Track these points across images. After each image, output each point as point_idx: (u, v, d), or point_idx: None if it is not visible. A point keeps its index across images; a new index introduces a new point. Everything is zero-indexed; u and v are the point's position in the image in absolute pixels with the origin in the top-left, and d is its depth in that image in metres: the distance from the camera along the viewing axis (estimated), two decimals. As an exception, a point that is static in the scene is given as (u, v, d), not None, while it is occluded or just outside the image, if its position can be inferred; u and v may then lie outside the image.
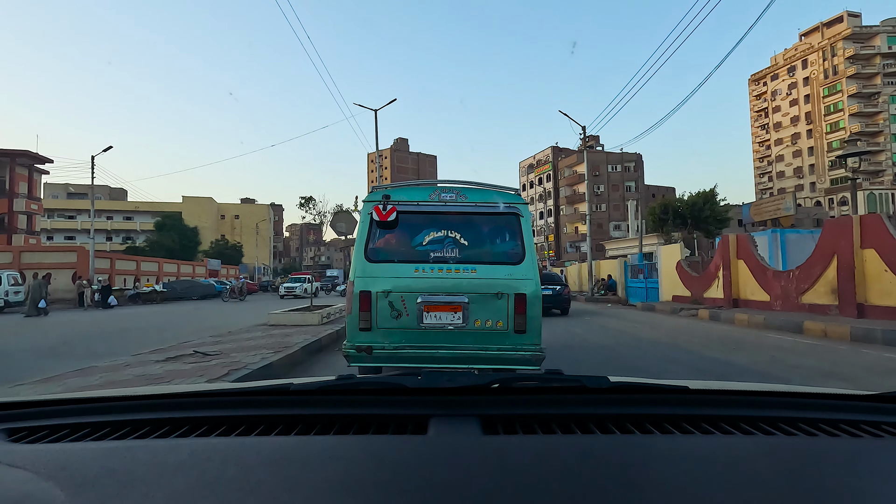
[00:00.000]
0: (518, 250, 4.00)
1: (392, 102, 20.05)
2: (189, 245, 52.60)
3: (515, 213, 4.06)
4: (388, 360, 3.87)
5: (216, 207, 66.36)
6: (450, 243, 4.00)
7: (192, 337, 8.20)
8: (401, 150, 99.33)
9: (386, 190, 4.11)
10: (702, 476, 0.69)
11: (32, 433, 0.87)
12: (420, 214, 4.07)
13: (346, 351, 3.89)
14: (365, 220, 4.03)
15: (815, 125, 64.65)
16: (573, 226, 63.36)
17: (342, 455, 0.75)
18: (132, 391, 1.12)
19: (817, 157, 64.28)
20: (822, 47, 64.06)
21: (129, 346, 7.14)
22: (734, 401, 1.01)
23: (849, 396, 1.04)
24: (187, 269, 38.51)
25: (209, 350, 6.20)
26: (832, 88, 62.42)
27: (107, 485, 0.65)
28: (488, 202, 4.08)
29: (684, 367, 5.90)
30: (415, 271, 3.90)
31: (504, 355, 3.84)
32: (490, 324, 3.86)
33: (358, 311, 3.86)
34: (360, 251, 3.97)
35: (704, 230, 27.30)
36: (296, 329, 8.88)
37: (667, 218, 28.86)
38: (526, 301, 3.87)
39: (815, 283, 10.73)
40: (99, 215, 61.00)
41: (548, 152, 69.40)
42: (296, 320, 9.86)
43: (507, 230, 4.10)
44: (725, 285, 13.91)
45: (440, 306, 3.85)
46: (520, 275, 3.93)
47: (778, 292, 11.97)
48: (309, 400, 0.98)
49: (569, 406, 0.95)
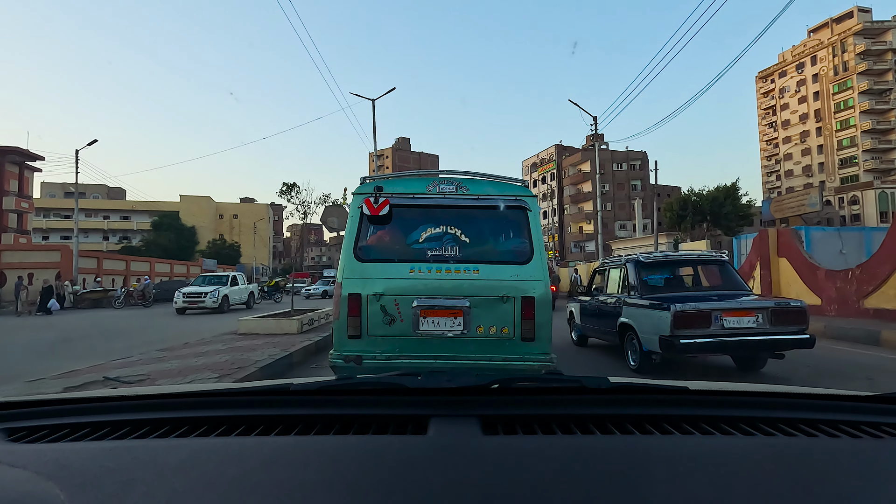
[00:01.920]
0: (525, 248, 3.65)
1: (390, 91, 19.03)
2: (186, 245, 51.95)
3: (523, 206, 3.70)
4: (380, 371, 3.43)
5: (214, 207, 65.42)
6: (449, 240, 3.67)
7: (139, 350, 6.93)
8: (402, 149, 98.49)
9: (378, 181, 3.73)
10: (701, 476, 0.69)
11: (32, 433, 0.87)
12: (416, 208, 3.71)
13: (332, 361, 3.55)
14: (355, 215, 3.67)
15: (824, 123, 63.39)
16: (577, 225, 62.21)
17: (342, 455, 0.75)
18: (132, 391, 1.12)
19: (827, 156, 62.97)
20: (831, 43, 62.81)
21: (32, 367, 5.77)
22: (734, 401, 1.00)
23: (849, 397, 1.03)
24: (181, 270, 37.50)
25: (130, 375, 4.97)
26: (842, 85, 61.14)
27: (106, 485, 0.65)
28: (492, 195, 3.71)
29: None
30: (410, 272, 3.57)
31: (510, 366, 3.50)
32: (494, 331, 3.52)
33: (346, 316, 3.52)
34: (349, 249, 3.63)
35: (725, 227, 25.88)
36: (266, 340, 7.70)
37: (685, 214, 27.41)
38: (534, 305, 3.51)
39: (883, 285, 9.23)
40: (95, 215, 60.54)
41: (551, 151, 68.27)
42: (270, 328, 8.67)
43: (513, 226, 3.76)
44: (764, 286, 12.22)
45: (438, 311, 3.52)
46: (527, 275, 3.57)
47: (832, 295, 10.41)
48: (309, 400, 0.98)
49: (569, 406, 0.94)
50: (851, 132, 60.38)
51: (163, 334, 9.88)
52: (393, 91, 19.17)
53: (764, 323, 4.94)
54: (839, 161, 61.52)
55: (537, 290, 3.55)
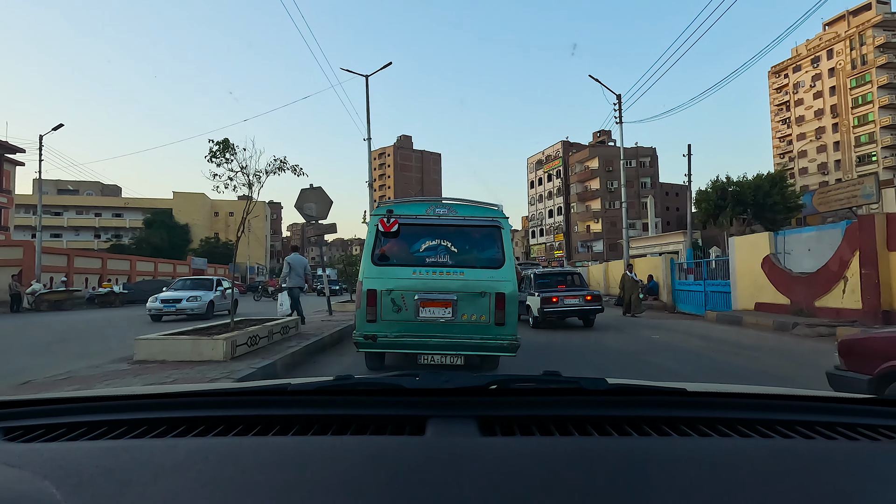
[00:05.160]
0: (499, 256, 4.98)
1: (387, 66, 16.97)
2: (179, 243, 50.16)
3: (497, 225, 5.06)
4: (390, 346, 4.87)
5: (210, 204, 63.48)
6: (442, 250, 4.97)
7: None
8: (404, 147, 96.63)
9: (389, 205, 5.09)
10: (699, 478, 0.70)
11: (28, 432, 0.87)
12: (418, 226, 5.05)
13: (355, 338, 4.88)
14: (372, 231, 5.00)
15: (841, 119, 60.99)
16: (585, 224, 59.99)
17: (340, 455, 0.75)
18: (129, 390, 1.11)
19: (843, 153, 60.54)
20: (849, 36, 60.44)
21: None
22: (732, 403, 1.00)
23: (846, 400, 1.04)
24: (166, 268, 35.57)
25: None
26: (860, 79, 58.71)
27: (103, 484, 0.65)
28: (474, 216, 5.07)
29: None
30: (413, 273, 4.87)
31: (485, 343, 4.78)
32: (475, 317, 4.79)
33: (365, 305, 4.80)
34: (368, 256, 4.97)
35: (769, 220, 22.86)
36: (172, 373, 5.05)
37: (724, 205, 24.18)
38: (504, 299, 4.80)
39: None
40: (87, 212, 58.76)
41: (557, 147, 66.14)
42: (183, 353, 5.83)
43: (489, 240, 5.06)
44: (868, 290, 9.65)
45: (434, 302, 4.78)
46: (500, 277, 4.87)
47: None
48: (307, 400, 0.98)
49: (566, 407, 0.95)
50: (870, 128, 57.99)
51: (68, 350, 8.27)
52: (389, 66, 17.09)
53: (582, 301, 10.83)
54: (856, 158, 59.05)
55: (507, 288, 4.84)
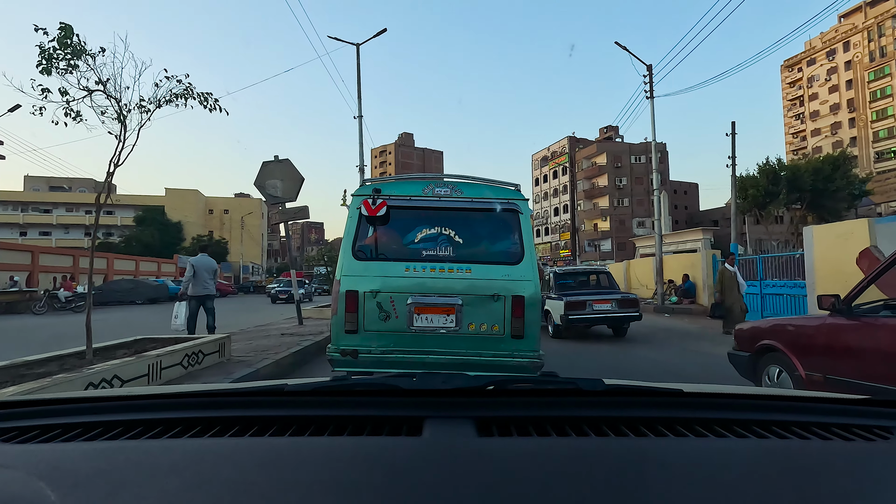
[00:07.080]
0: (517, 249, 3.84)
1: (381, 33, 15.04)
2: (171, 241, 48.30)
3: (514, 209, 3.90)
4: (375, 364, 3.69)
5: (203, 201, 61.58)
6: (443, 241, 3.86)
7: None
8: (406, 144, 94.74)
9: (376, 183, 3.94)
10: (696, 478, 0.70)
11: (23, 433, 0.86)
12: (412, 210, 3.90)
13: (329, 354, 3.75)
14: (353, 215, 3.87)
15: (858, 113, 58.70)
16: (592, 222, 57.85)
17: (337, 456, 0.75)
18: (125, 391, 1.10)
19: (861, 148, 58.17)
20: (866, 27, 58.17)
21: None
22: (728, 404, 1.01)
23: (841, 400, 1.05)
24: (149, 267, 33.61)
25: None
26: (879, 72, 56.43)
27: (98, 486, 0.65)
28: (485, 198, 3.91)
29: None
30: (405, 270, 3.75)
31: (500, 362, 3.66)
32: (485, 328, 3.70)
33: (344, 311, 3.70)
34: (348, 248, 3.82)
35: (828, 209, 19.82)
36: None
37: (777, 191, 20.80)
38: (524, 304, 3.69)
39: None
40: (77, 209, 56.93)
41: (563, 143, 64.03)
42: None
43: (505, 227, 3.93)
44: None
45: (432, 308, 3.69)
46: (518, 275, 3.75)
47: None
48: (303, 401, 0.97)
49: (564, 408, 0.94)
50: (889, 122, 55.70)
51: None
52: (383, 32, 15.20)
53: (615, 307, 8.82)
54: (875, 154, 56.78)
55: (527, 289, 3.70)
